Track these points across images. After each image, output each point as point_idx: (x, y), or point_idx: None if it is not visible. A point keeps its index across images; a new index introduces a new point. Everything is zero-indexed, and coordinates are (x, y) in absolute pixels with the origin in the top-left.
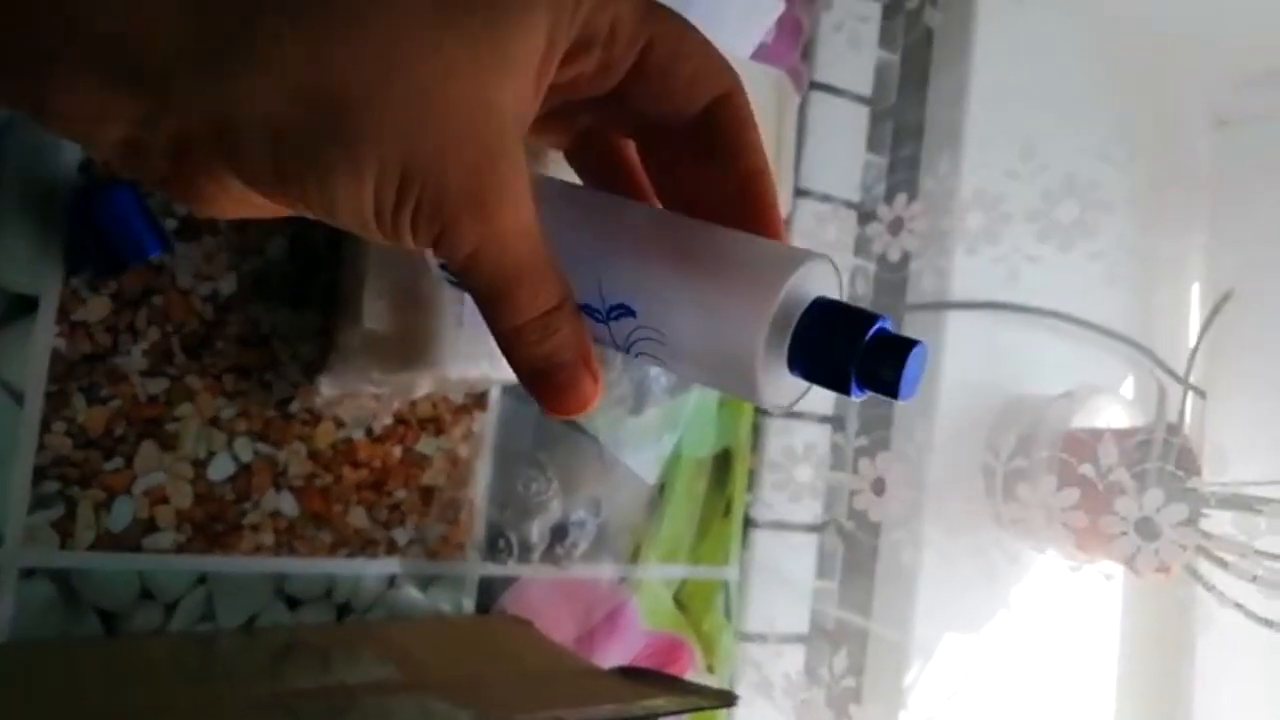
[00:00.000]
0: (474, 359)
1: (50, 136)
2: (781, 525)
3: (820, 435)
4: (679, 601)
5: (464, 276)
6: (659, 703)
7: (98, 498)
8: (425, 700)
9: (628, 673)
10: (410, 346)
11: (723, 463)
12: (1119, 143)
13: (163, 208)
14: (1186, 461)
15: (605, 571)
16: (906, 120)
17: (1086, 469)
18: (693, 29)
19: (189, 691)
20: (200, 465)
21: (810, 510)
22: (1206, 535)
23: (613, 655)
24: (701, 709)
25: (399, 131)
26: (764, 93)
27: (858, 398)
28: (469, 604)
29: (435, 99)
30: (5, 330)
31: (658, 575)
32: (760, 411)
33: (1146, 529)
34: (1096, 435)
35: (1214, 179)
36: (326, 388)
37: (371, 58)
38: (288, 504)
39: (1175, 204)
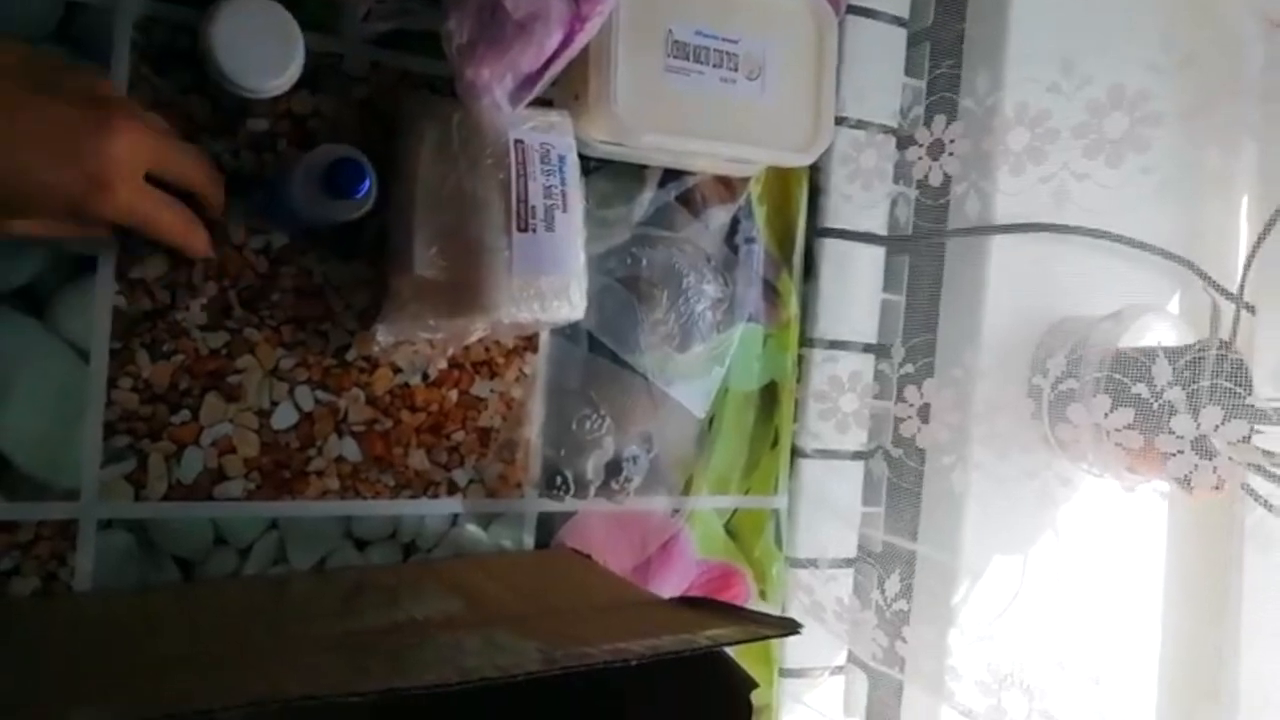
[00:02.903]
0: (525, 302)
1: None
2: (828, 454)
3: (865, 364)
4: (730, 530)
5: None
6: (723, 632)
7: (167, 450)
8: (492, 633)
9: (690, 602)
10: (462, 292)
11: (769, 395)
12: (1166, 52)
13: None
14: (1241, 377)
15: (659, 504)
16: (944, 40)
17: (1140, 388)
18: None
19: (264, 633)
20: (264, 415)
21: (856, 439)
22: (1267, 453)
23: (668, 584)
24: (765, 638)
25: None
26: (802, 21)
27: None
28: (529, 539)
29: None
30: (67, 290)
31: (709, 506)
32: (804, 343)
33: (1203, 447)
34: (1148, 354)
35: (1264, 87)
36: (382, 335)
37: None
38: (350, 449)
39: (1226, 115)
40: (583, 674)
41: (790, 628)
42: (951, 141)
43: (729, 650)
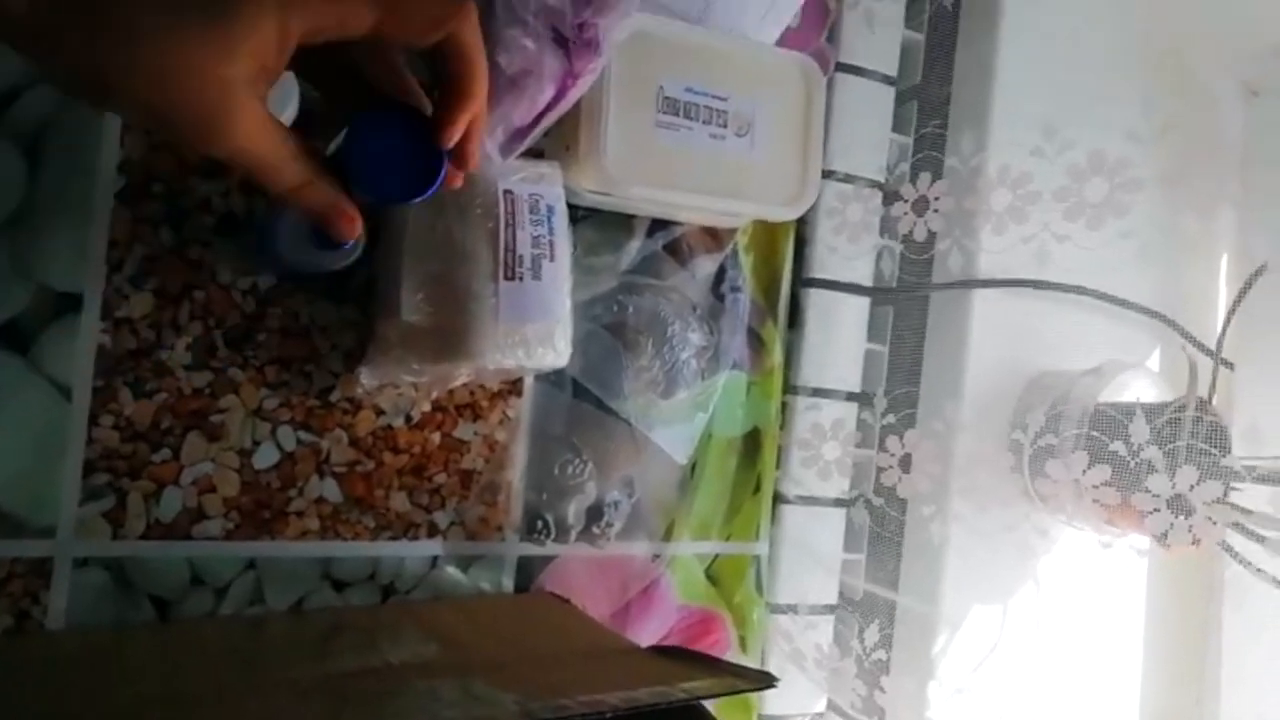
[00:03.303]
0: (510, 350)
1: (88, 137)
2: (810, 500)
3: (848, 412)
4: (711, 576)
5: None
6: (700, 684)
7: (147, 488)
8: (469, 683)
9: (668, 652)
10: (448, 338)
11: (752, 441)
12: (1146, 118)
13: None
14: (1218, 437)
15: (640, 549)
16: (931, 98)
17: (1117, 446)
18: None
19: (240, 674)
20: (245, 454)
21: (838, 486)
22: (1243, 510)
23: (648, 628)
24: (741, 691)
25: (136, 94)
26: (791, 78)
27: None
28: (508, 583)
29: (168, 72)
30: (51, 327)
31: (690, 551)
32: (788, 390)
33: (1179, 505)
34: (1126, 411)
35: (1244, 151)
36: (366, 378)
37: (122, 45)
38: (331, 490)
39: (1205, 180)
40: None
41: (766, 681)
42: (936, 199)
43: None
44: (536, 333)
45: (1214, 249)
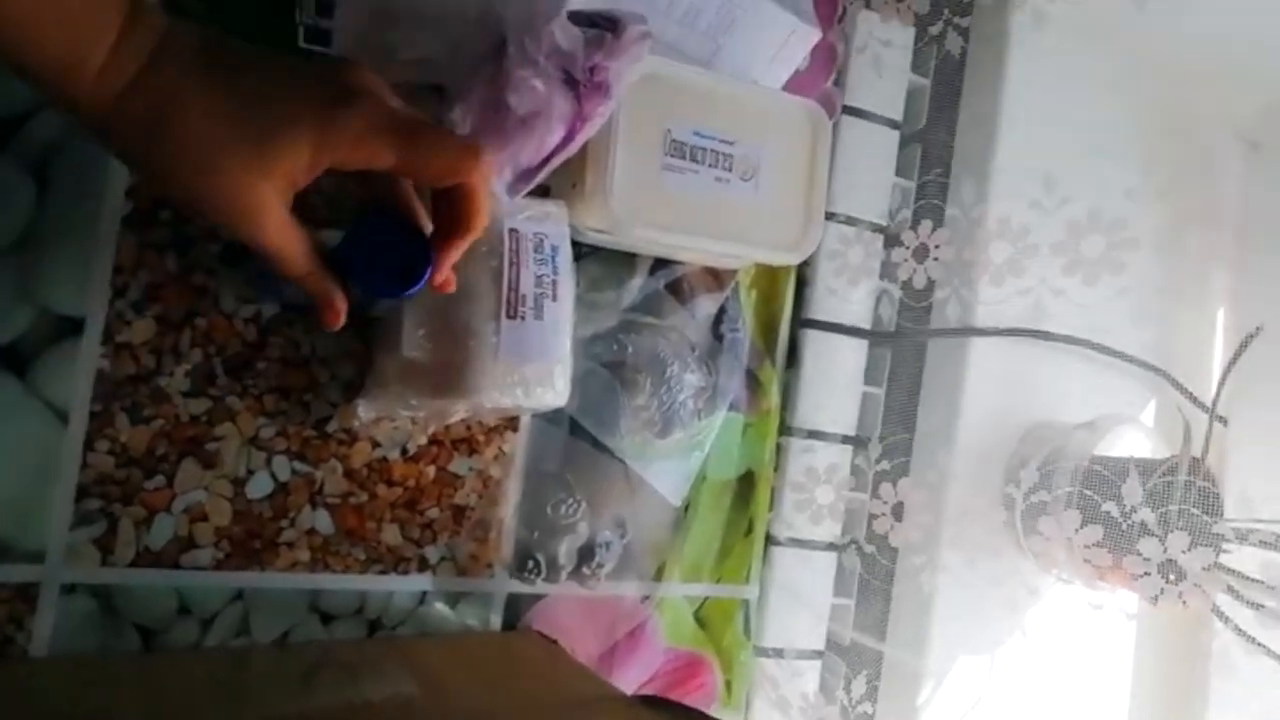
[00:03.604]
0: (509, 389)
1: (96, 161)
2: (801, 544)
3: (842, 456)
4: (699, 619)
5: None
6: None
7: (138, 515)
8: None
9: (651, 702)
10: (447, 375)
11: (746, 483)
12: (1146, 176)
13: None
14: (1210, 503)
15: (630, 589)
16: (935, 144)
17: (1110, 506)
18: (444, 141)
19: (222, 707)
20: (239, 483)
21: (830, 530)
22: (1237, 574)
23: (634, 671)
24: None
25: (189, 191)
26: (798, 124)
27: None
28: (496, 620)
29: (218, 179)
30: (50, 351)
31: (680, 593)
32: (784, 431)
33: (1171, 569)
34: (1120, 469)
35: (1243, 206)
36: (364, 410)
37: (187, 156)
38: (323, 521)
39: (1202, 237)
40: None
41: None
42: (937, 247)
43: None
44: (536, 372)
45: (1210, 304)
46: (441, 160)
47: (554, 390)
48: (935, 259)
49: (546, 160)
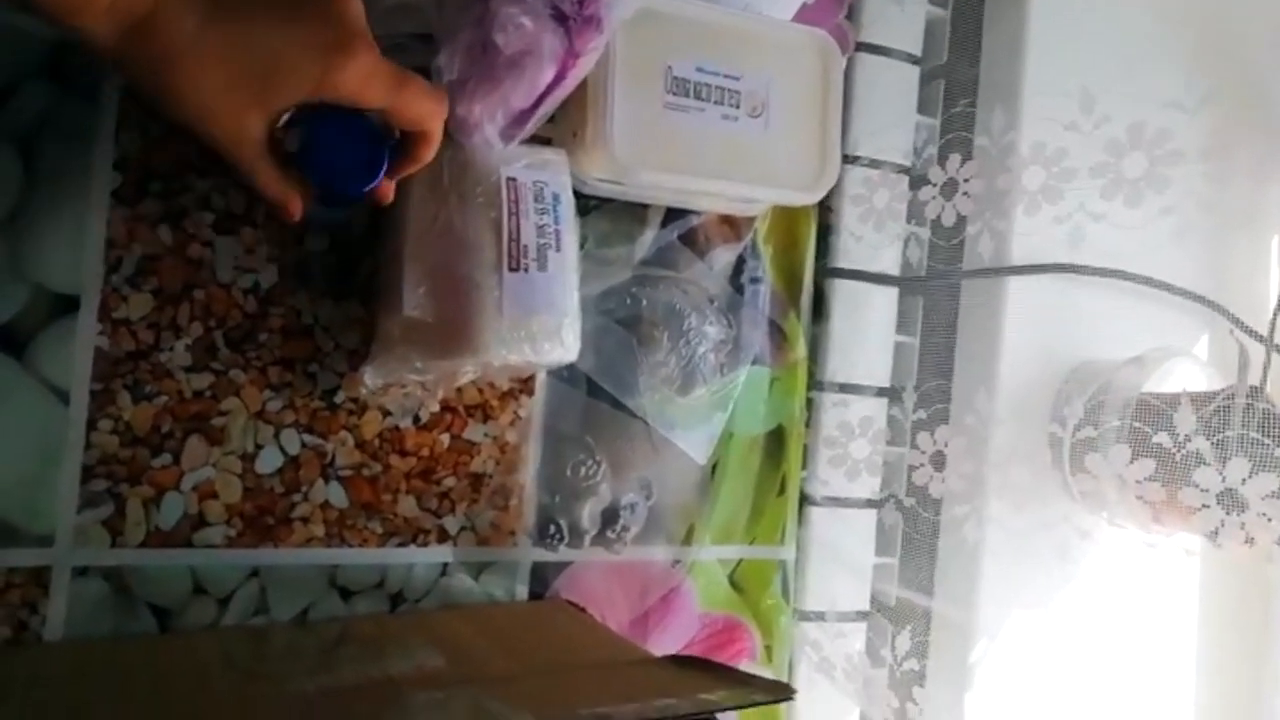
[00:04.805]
0: (515, 344)
1: (83, 136)
2: (839, 502)
3: (877, 409)
4: (734, 582)
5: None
6: (714, 696)
7: (146, 495)
8: (480, 698)
9: (683, 661)
10: (452, 333)
11: (776, 440)
12: (1188, 88)
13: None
14: (1272, 426)
15: (658, 554)
16: (958, 78)
17: (1161, 437)
18: (424, 89)
19: (241, 687)
20: (248, 459)
21: (868, 486)
22: None
23: (669, 637)
24: (757, 704)
25: (192, 122)
26: (806, 55)
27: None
28: (522, 590)
29: (217, 116)
30: (48, 330)
31: (712, 556)
32: (813, 386)
33: (1231, 501)
34: (1171, 401)
35: None
36: (370, 377)
37: (185, 94)
38: (337, 495)
39: (1251, 151)
40: None
41: (784, 693)
42: (966, 180)
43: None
44: (543, 326)
45: (1263, 225)
46: (421, 107)
47: (562, 345)
48: (965, 194)
49: (539, 101)
